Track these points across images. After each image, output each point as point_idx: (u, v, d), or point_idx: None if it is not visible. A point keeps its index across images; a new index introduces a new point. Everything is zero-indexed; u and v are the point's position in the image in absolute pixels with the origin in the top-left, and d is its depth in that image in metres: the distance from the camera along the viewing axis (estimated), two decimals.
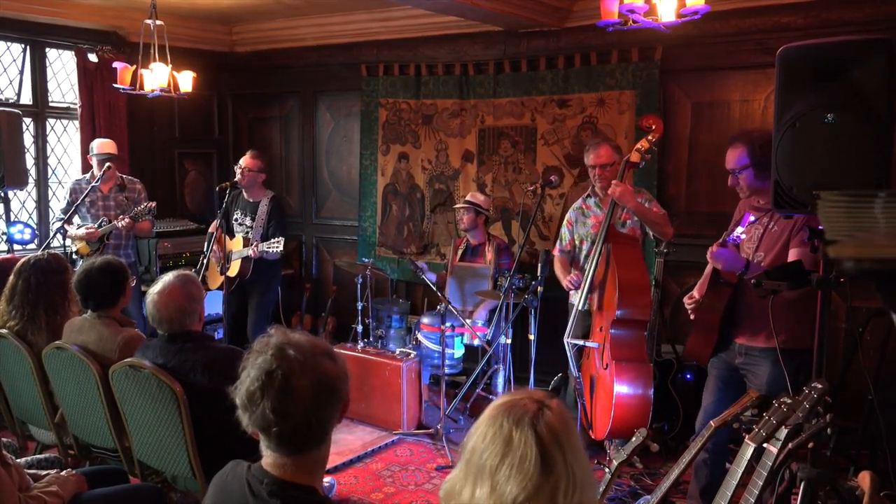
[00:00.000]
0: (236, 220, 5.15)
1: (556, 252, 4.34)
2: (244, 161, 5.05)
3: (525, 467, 1.28)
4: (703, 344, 3.23)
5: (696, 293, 3.29)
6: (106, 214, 5.00)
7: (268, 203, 5.12)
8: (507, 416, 1.33)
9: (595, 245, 3.88)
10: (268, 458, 1.58)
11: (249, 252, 4.86)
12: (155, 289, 2.85)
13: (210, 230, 5.29)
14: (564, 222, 4.33)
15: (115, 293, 3.21)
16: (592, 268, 3.86)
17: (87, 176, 5.13)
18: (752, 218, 3.03)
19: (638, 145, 3.76)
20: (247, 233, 5.08)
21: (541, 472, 1.28)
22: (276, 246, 4.75)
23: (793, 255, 2.97)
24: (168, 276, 2.91)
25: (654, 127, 3.75)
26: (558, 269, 4.25)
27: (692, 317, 3.29)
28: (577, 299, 3.97)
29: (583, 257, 4.16)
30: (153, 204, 4.93)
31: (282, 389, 1.50)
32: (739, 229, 2.99)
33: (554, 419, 1.33)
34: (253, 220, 5.10)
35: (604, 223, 3.83)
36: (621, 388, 3.60)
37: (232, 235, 5.10)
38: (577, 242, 4.24)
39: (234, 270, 4.98)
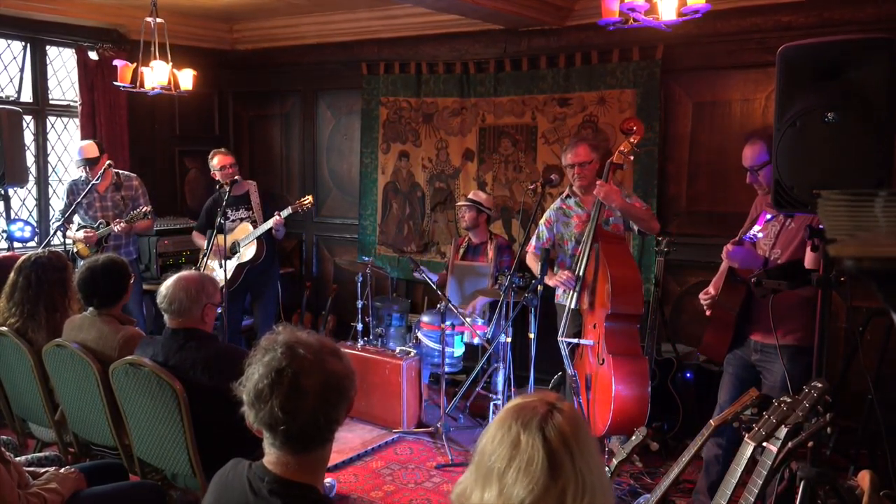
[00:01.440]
0: (227, 217, 5.13)
1: (530, 248, 4.32)
2: (221, 160, 5.06)
3: (532, 470, 1.27)
4: (718, 341, 3.24)
5: (711, 289, 3.30)
6: (104, 216, 5.00)
7: (256, 190, 5.21)
8: (516, 418, 1.33)
9: (583, 245, 3.89)
10: (270, 456, 1.58)
11: (272, 222, 4.88)
12: (176, 274, 2.94)
13: (195, 239, 5.30)
14: (543, 221, 4.32)
15: (117, 292, 3.22)
16: (582, 267, 3.87)
17: (84, 176, 5.12)
18: (768, 216, 3.01)
19: (621, 147, 3.80)
20: (247, 220, 5.11)
21: (548, 475, 1.27)
22: (306, 205, 4.87)
23: (810, 253, 2.97)
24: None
25: (635, 129, 3.81)
26: (531, 262, 4.25)
27: (707, 313, 3.30)
28: (566, 299, 3.98)
29: (568, 257, 4.16)
30: (148, 209, 4.92)
31: (291, 388, 1.50)
32: (756, 228, 2.98)
33: (564, 423, 1.32)
34: (248, 209, 5.14)
35: (591, 223, 3.85)
36: (620, 382, 3.61)
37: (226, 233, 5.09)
38: (558, 242, 4.24)
39: (249, 254, 5.01)
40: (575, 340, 3.91)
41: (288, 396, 1.50)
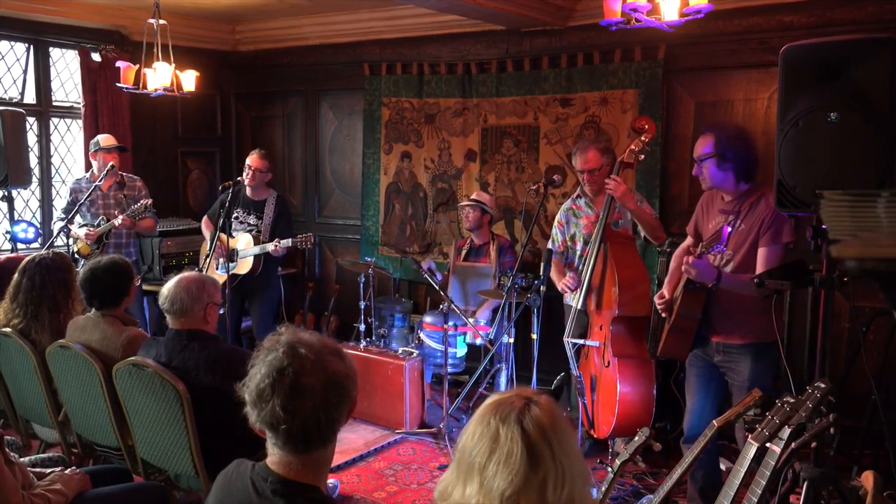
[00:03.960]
0: (237, 217, 5.11)
1: None
2: (253, 162, 5.01)
3: (511, 462, 1.30)
4: (680, 345, 3.26)
5: (665, 293, 3.31)
6: (105, 213, 5.00)
7: (274, 202, 5.10)
8: (494, 413, 1.36)
9: (591, 245, 3.89)
10: (273, 456, 1.58)
11: (270, 248, 4.82)
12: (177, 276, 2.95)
13: (203, 226, 5.29)
14: (555, 224, 4.34)
15: (118, 292, 3.22)
16: (590, 268, 3.87)
17: (87, 175, 5.14)
18: (729, 229, 3.02)
19: (632, 146, 3.78)
20: (251, 230, 5.06)
21: (528, 466, 1.30)
22: (307, 241, 4.79)
23: (761, 254, 3.00)
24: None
25: (646, 128, 3.79)
26: (552, 272, 4.25)
27: (663, 315, 3.31)
28: (573, 299, 3.98)
29: (577, 257, 4.16)
30: (149, 202, 4.92)
31: (292, 387, 1.51)
32: (720, 246, 2.97)
33: (541, 415, 1.34)
34: (258, 218, 5.07)
35: (599, 223, 3.84)
36: (625, 384, 3.62)
37: (230, 233, 5.08)
38: (569, 243, 4.24)
39: (244, 267, 4.98)
40: (580, 341, 3.91)
41: (289, 395, 1.51)
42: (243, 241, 5.02)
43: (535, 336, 4.17)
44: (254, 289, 5.14)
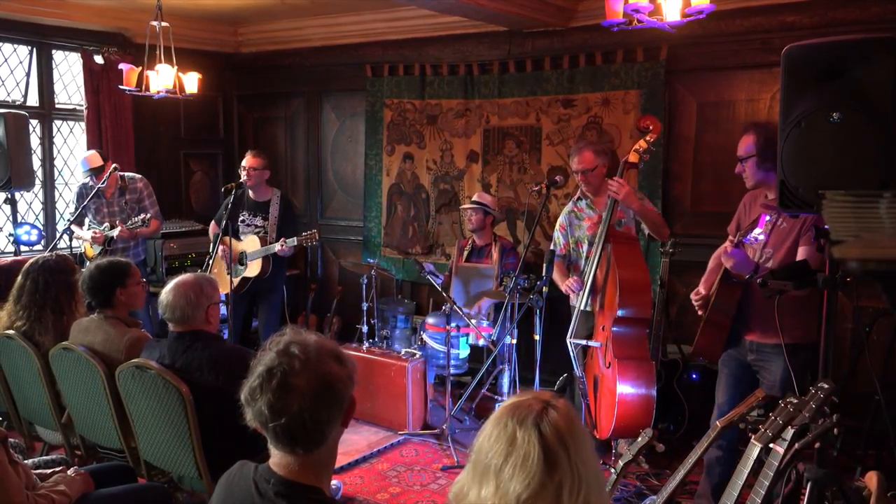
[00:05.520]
0: (243, 220, 5.11)
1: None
2: (247, 161, 5.01)
3: (528, 466, 1.29)
4: (713, 342, 3.24)
5: (702, 289, 3.30)
6: (110, 220, 5.03)
7: (278, 201, 5.10)
8: (511, 416, 1.35)
9: (595, 246, 3.89)
10: (274, 457, 1.59)
11: (277, 248, 4.80)
12: (172, 281, 2.92)
13: (211, 232, 5.29)
14: (557, 227, 4.34)
15: (106, 292, 3.19)
16: (593, 269, 3.87)
17: (89, 181, 5.14)
18: (767, 217, 3.02)
19: (636, 146, 3.78)
20: (258, 232, 5.05)
21: (544, 470, 1.29)
22: (312, 239, 4.71)
23: (801, 253, 2.98)
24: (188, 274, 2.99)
25: (651, 127, 3.79)
26: (555, 273, 4.25)
27: (700, 313, 3.29)
28: (578, 300, 3.98)
29: (583, 260, 4.16)
30: (147, 216, 4.89)
31: (279, 386, 1.52)
32: (758, 230, 2.97)
33: (559, 419, 1.34)
34: (265, 219, 5.07)
35: (603, 224, 3.84)
36: (624, 386, 3.61)
37: (238, 237, 5.08)
38: (573, 245, 4.24)
39: (254, 270, 4.97)
40: (583, 342, 3.91)
41: (275, 394, 1.52)
42: (250, 244, 5.02)
43: (537, 337, 4.17)
44: (262, 291, 5.13)
